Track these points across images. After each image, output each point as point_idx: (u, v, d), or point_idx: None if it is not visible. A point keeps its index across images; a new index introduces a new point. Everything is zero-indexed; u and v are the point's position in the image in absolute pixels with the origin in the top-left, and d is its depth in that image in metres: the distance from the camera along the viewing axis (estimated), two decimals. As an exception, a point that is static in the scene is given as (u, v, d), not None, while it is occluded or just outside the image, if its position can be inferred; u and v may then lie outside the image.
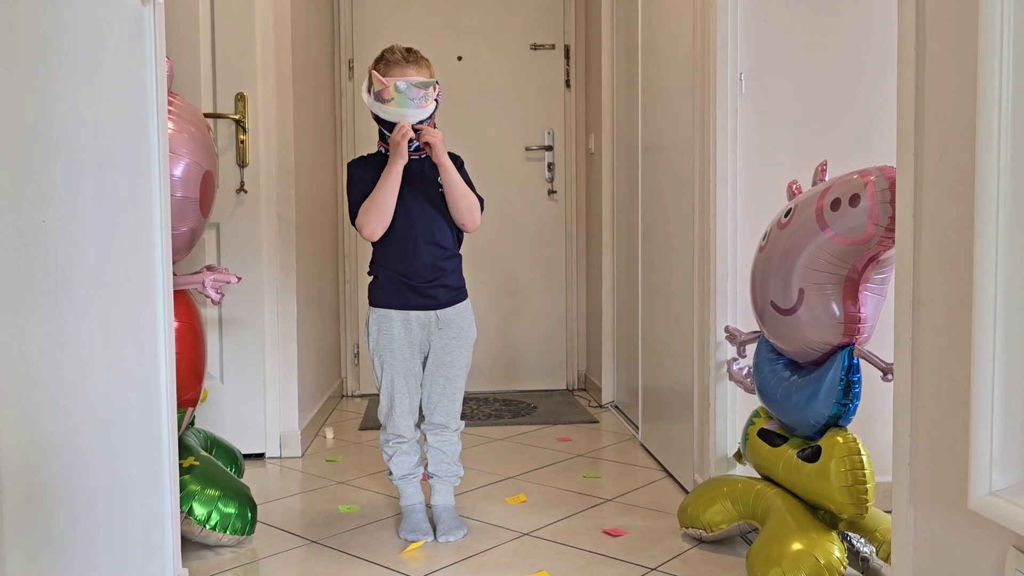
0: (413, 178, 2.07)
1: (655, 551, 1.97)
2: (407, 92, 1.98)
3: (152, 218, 1.52)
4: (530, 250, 4.20)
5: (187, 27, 2.74)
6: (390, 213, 2.04)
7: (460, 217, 2.09)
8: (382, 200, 2.02)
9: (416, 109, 1.99)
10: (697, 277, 2.29)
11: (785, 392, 1.80)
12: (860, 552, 1.68)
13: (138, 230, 1.50)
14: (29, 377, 1.20)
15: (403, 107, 1.99)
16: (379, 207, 2.03)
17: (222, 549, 2.02)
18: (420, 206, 2.07)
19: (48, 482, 1.27)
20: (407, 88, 1.98)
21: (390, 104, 1.99)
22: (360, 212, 2.05)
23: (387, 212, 2.03)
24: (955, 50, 1.08)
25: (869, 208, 1.56)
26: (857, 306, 1.68)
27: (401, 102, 1.98)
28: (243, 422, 2.85)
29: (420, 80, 2.00)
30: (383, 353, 2.10)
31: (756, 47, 2.17)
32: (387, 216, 2.04)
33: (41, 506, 1.24)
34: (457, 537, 2.08)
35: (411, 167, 2.07)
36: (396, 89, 1.98)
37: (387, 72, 2.03)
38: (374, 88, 2.02)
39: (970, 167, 1.03)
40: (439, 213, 2.09)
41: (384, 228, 2.05)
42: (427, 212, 2.08)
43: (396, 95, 1.98)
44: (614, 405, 3.72)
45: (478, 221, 2.11)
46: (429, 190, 2.08)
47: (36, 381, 1.22)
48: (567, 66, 4.18)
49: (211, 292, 2.08)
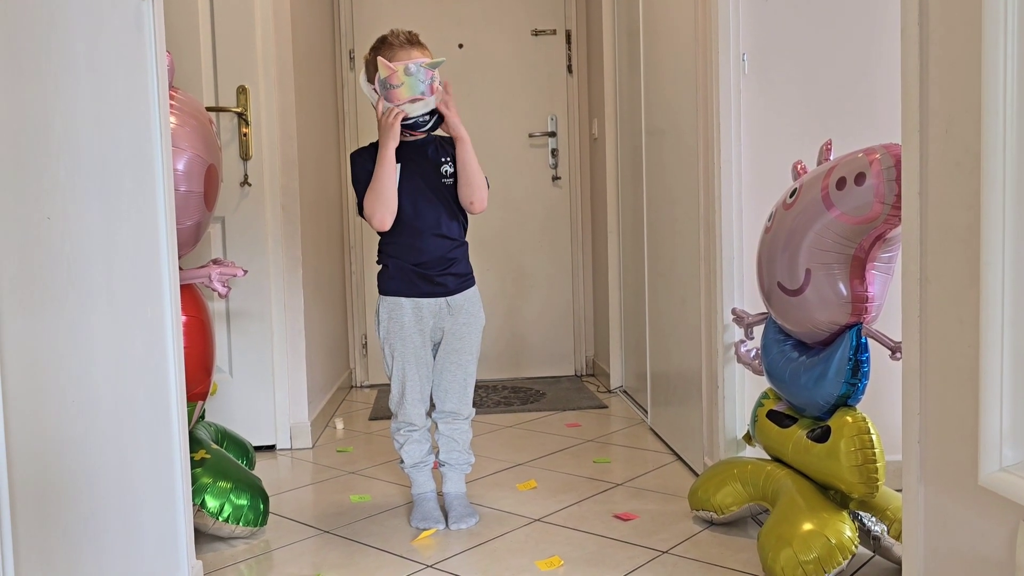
0: (417, 167, 2.07)
1: (666, 534, 1.98)
2: (417, 75, 1.93)
3: (156, 213, 1.52)
4: (535, 237, 4.20)
5: (187, 21, 2.74)
6: (394, 198, 2.02)
7: (471, 195, 2.07)
8: (382, 187, 2.01)
9: (429, 94, 1.96)
10: (703, 260, 2.28)
11: (793, 373, 1.79)
12: (871, 531, 1.68)
13: (142, 225, 1.50)
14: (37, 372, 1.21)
15: (414, 91, 1.95)
16: (380, 194, 2.01)
17: (235, 541, 2.04)
18: (426, 197, 2.06)
19: (59, 477, 1.27)
20: (417, 70, 1.92)
21: (400, 90, 1.94)
22: (365, 204, 2.04)
23: (390, 198, 2.02)
24: (959, 24, 1.07)
25: (875, 186, 1.55)
26: (864, 285, 1.67)
27: (412, 85, 1.94)
28: (253, 415, 2.86)
29: (429, 61, 1.96)
30: (394, 341, 2.10)
31: (758, 27, 2.15)
32: (392, 202, 2.02)
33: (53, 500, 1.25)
34: (469, 524, 2.09)
35: (414, 155, 2.06)
36: (406, 72, 1.92)
37: (392, 57, 1.97)
38: (380, 75, 1.96)
39: (976, 142, 1.02)
40: (444, 203, 2.08)
41: (392, 214, 2.03)
42: (433, 203, 2.07)
43: (406, 79, 1.92)
44: (622, 390, 3.72)
45: (486, 202, 2.10)
46: (434, 180, 2.08)
47: (44, 376, 1.23)
48: (569, 51, 4.16)
49: (217, 285, 2.09)
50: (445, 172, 2.08)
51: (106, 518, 1.45)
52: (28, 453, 1.17)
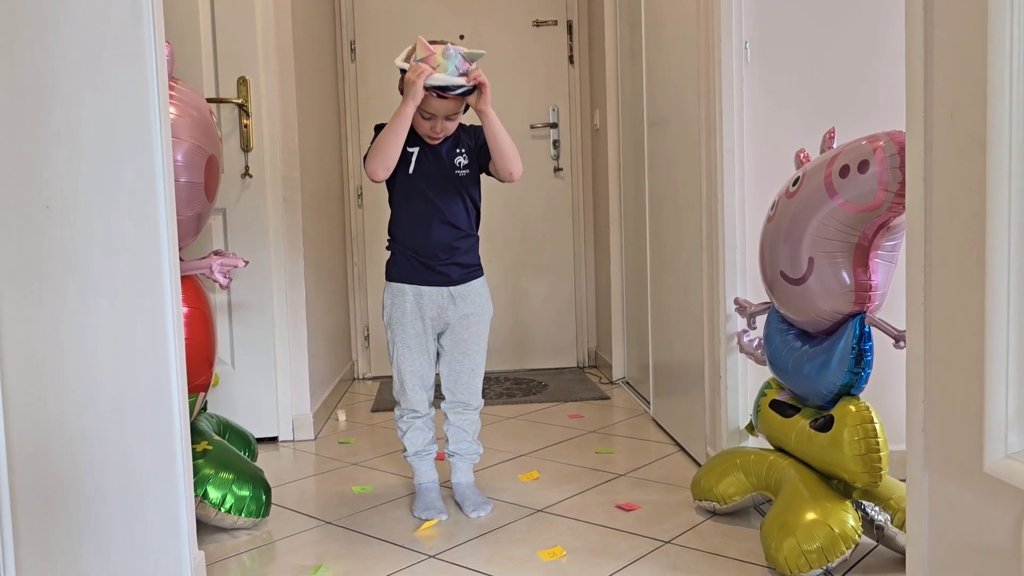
0: (432, 165, 2.06)
1: (669, 524, 1.98)
2: (454, 59, 1.91)
3: (156, 203, 1.51)
4: (538, 229, 4.19)
5: (187, 12, 2.72)
6: (394, 153, 1.98)
7: (507, 165, 2.03)
8: (387, 140, 1.97)
9: (461, 81, 1.92)
10: (706, 250, 2.28)
11: (796, 362, 1.79)
12: (875, 520, 1.68)
13: (143, 216, 1.49)
14: (38, 363, 1.20)
15: (447, 73, 1.91)
16: (382, 146, 1.97)
17: (238, 532, 2.04)
18: (437, 185, 2.05)
19: (60, 468, 1.27)
20: (456, 55, 1.91)
21: (436, 71, 1.91)
22: (368, 153, 2.01)
23: (390, 152, 1.97)
24: (965, 8, 1.06)
25: (879, 174, 1.55)
26: (868, 274, 1.66)
27: (447, 68, 1.91)
28: (255, 406, 2.86)
29: (468, 51, 1.94)
30: (395, 327, 2.10)
31: (760, 15, 2.14)
32: (390, 157, 1.97)
33: (54, 491, 1.25)
34: (487, 511, 2.10)
35: (430, 155, 2.06)
36: (444, 55, 1.91)
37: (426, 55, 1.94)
38: (416, 55, 1.94)
39: (981, 128, 1.01)
40: (455, 193, 2.07)
41: (386, 169, 1.98)
42: (443, 192, 2.06)
43: (443, 61, 1.91)
44: (625, 381, 3.71)
45: (521, 167, 2.06)
46: (448, 175, 2.07)
47: (45, 367, 1.23)
48: (570, 41, 4.14)
49: (219, 276, 2.08)
50: (459, 164, 2.07)
51: (108, 509, 1.45)
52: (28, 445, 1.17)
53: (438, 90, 1.93)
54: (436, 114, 1.99)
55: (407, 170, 2.05)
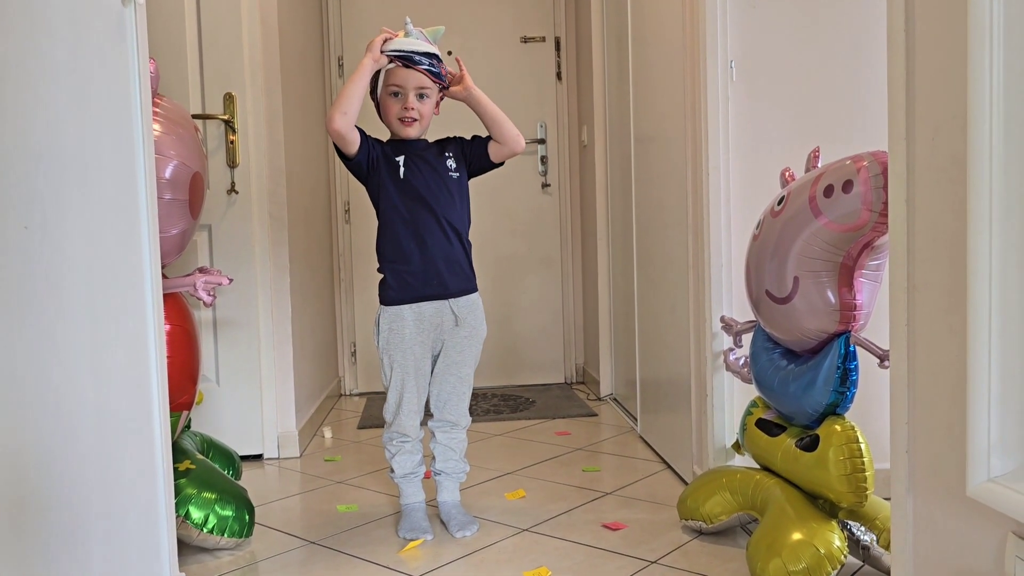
0: (424, 167, 2.05)
1: (655, 544, 1.96)
2: (415, 35, 2.01)
3: (139, 221, 1.50)
4: (525, 244, 4.19)
5: (173, 28, 2.72)
6: (354, 102, 1.94)
7: (509, 129, 2.08)
8: (346, 89, 1.95)
9: (424, 47, 2.00)
10: (692, 267, 2.28)
11: (782, 381, 1.79)
12: (860, 540, 1.67)
13: (125, 234, 1.48)
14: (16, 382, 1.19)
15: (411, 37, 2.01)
16: (342, 94, 1.96)
17: (220, 552, 2.01)
18: (434, 189, 2.04)
19: (38, 489, 1.25)
20: (417, 33, 2.01)
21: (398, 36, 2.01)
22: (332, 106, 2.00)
23: (350, 100, 1.94)
24: (945, 31, 1.07)
25: (862, 194, 1.55)
26: (852, 293, 1.66)
27: (409, 32, 2.01)
28: (240, 424, 2.84)
29: (430, 29, 2.04)
30: (393, 352, 2.08)
31: (746, 34, 2.15)
32: (348, 105, 1.93)
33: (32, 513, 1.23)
34: (473, 531, 2.08)
35: (418, 154, 2.06)
36: (406, 32, 2.00)
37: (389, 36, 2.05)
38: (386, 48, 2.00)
39: (962, 149, 1.01)
40: (452, 196, 2.06)
41: (345, 119, 1.93)
42: (441, 194, 2.05)
43: (404, 36, 2.01)
44: (612, 398, 3.71)
45: (523, 139, 2.12)
46: (442, 174, 2.06)
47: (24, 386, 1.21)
48: (558, 58, 4.16)
49: (202, 294, 2.07)
50: (450, 166, 2.08)
51: (87, 530, 1.43)
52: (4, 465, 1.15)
53: (402, 59, 1.99)
54: (404, 86, 2.02)
55: (398, 175, 2.04)
